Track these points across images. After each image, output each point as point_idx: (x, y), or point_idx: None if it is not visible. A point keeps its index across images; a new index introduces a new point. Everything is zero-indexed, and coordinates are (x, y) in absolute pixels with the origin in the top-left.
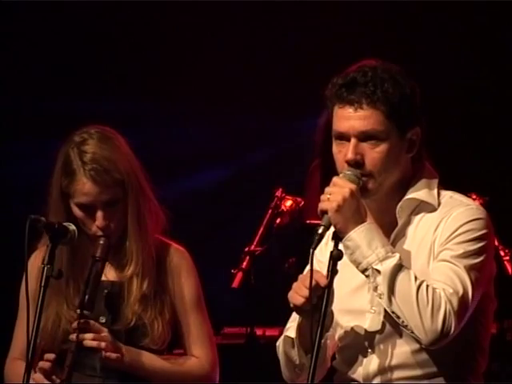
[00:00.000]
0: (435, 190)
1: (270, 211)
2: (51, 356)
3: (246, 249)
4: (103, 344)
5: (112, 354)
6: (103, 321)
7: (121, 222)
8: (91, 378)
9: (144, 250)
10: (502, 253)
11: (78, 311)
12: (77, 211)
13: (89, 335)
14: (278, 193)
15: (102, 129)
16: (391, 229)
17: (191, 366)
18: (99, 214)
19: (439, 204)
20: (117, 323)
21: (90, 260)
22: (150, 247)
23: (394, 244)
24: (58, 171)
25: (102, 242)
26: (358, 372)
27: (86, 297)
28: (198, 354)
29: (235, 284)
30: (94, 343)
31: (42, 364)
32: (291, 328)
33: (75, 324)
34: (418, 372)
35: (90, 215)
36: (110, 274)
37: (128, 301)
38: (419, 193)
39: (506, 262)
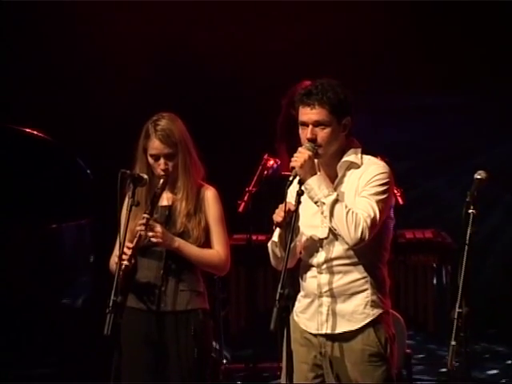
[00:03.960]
0: (359, 155)
1: (260, 167)
2: (132, 243)
3: (247, 189)
4: (151, 234)
5: (159, 240)
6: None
7: (175, 168)
8: (157, 261)
9: (188, 185)
10: (395, 191)
11: (145, 215)
12: (150, 159)
13: (143, 227)
14: (265, 156)
15: (170, 113)
16: (334, 179)
17: (214, 255)
18: (161, 161)
19: (362, 163)
20: (171, 230)
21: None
22: (192, 184)
23: (336, 188)
24: (141, 137)
25: (162, 179)
26: (313, 261)
27: (149, 207)
28: (219, 250)
29: (240, 209)
30: (150, 234)
31: (127, 244)
32: (275, 236)
33: (141, 221)
34: (347, 261)
35: (156, 162)
36: (168, 200)
37: (178, 215)
38: (350, 157)
39: (397, 197)
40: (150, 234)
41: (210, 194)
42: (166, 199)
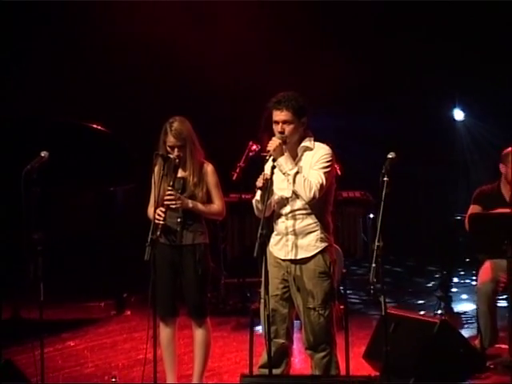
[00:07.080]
0: (312, 142)
1: (247, 150)
2: (164, 208)
3: (238, 164)
4: (174, 201)
5: (178, 204)
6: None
7: (184, 154)
8: (176, 213)
9: (193, 164)
10: (336, 165)
11: (169, 187)
12: (168, 148)
13: (171, 197)
14: (250, 143)
15: (180, 117)
16: (295, 157)
17: (215, 208)
18: (176, 150)
19: (314, 147)
20: (184, 193)
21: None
22: (196, 163)
23: (296, 163)
24: (162, 133)
25: (177, 160)
26: (282, 211)
27: (171, 183)
28: (217, 204)
29: (234, 178)
30: (172, 202)
31: (161, 208)
32: (257, 195)
33: (168, 192)
34: (304, 211)
35: (172, 150)
36: (181, 174)
37: (188, 185)
38: (306, 143)
39: (337, 170)
40: (171, 203)
41: (209, 169)
42: (180, 173)
